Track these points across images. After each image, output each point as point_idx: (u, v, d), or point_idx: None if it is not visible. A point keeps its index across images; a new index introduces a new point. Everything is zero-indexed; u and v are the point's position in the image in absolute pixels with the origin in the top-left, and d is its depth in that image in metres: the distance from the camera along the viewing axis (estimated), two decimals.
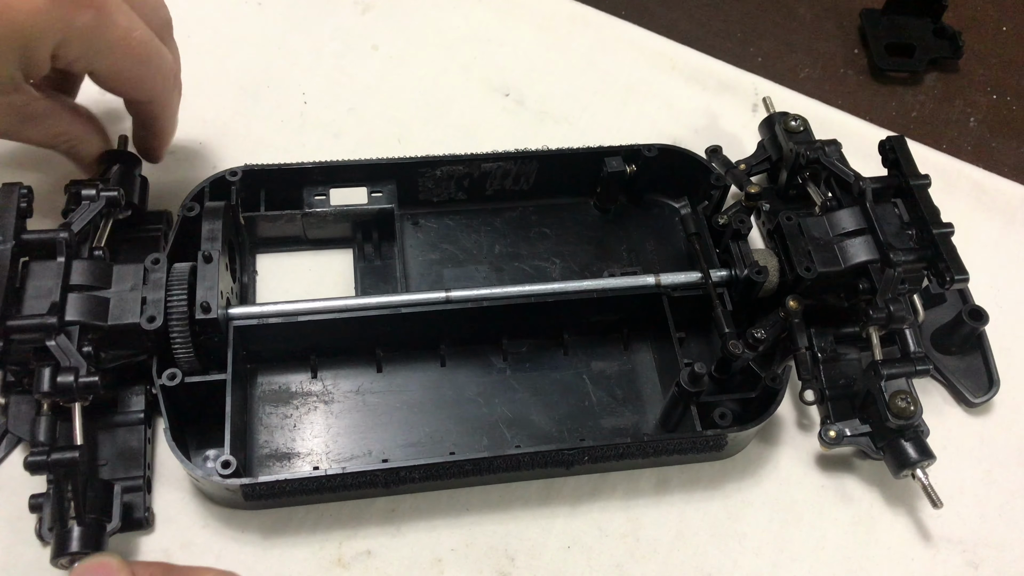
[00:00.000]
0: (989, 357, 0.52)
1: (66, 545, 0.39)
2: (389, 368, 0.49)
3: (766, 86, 0.63)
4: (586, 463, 0.45)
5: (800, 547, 0.46)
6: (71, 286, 0.41)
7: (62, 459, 0.38)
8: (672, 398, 0.45)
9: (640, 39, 0.65)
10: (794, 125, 0.53)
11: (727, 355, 0.46)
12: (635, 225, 0.55)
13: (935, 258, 0.46)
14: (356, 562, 0.44)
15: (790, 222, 0.48)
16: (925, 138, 0.63)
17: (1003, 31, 0.74)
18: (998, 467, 0.50)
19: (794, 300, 0.47)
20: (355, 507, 0.45)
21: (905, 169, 0.49)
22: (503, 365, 0.49)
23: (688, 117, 0.62)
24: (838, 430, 0.46)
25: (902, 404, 0.44)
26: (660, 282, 0.48)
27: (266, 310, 0.46)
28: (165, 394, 0.42)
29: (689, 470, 0.48)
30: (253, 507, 0.45)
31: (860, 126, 0.62)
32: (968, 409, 0.52)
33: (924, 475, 0.45)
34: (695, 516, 0.47)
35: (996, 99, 0.69)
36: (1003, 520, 0.48)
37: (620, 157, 0.52)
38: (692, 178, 0.54)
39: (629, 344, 0.51)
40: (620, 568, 0.45)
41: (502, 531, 0.45)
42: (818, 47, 0.71)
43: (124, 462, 0.44)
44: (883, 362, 0.46)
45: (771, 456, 0.49)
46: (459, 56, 0.63)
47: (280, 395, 0.48)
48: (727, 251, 0.49)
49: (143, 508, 0.43)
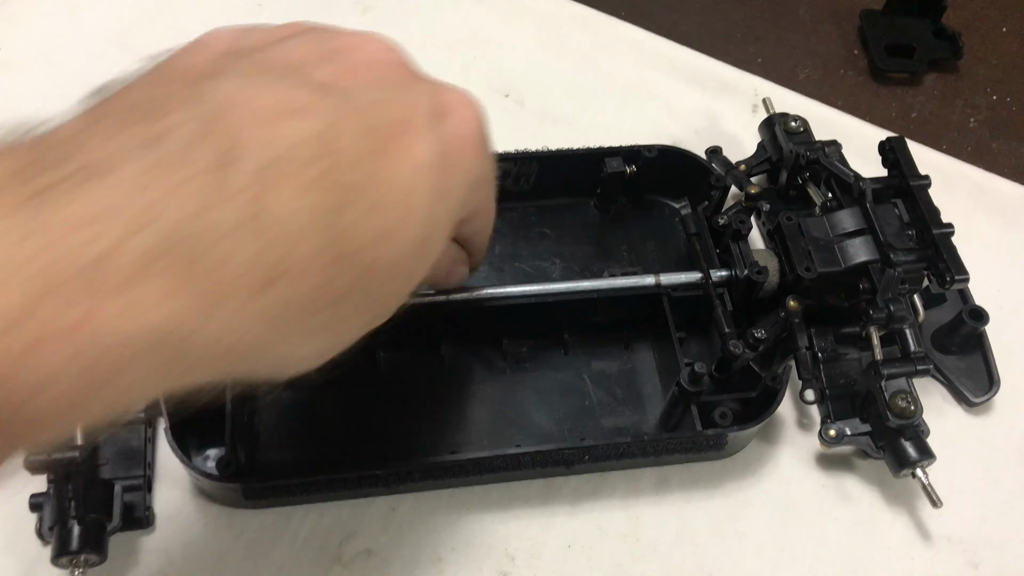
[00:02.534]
0: (989, 357, 0.52)
1: (67, 544, 0.39)
2: (389, 368, 0.49)
3: (766, 87, 0.63)
4: (586, 463, 0.45)
5: (800, 546, 0.46)
6: None
7: (62, 458, 0.38)
8: (672, 398, 0.45)
9: (640, 40, 0.65)
10: (794, 126, 0.53)
11: (727, 355, 0.46)
12: (635, 225, 0.55)
13: (935, 258, 0.46)
14: (356, 562, 0.44)
15: (790, 222, 0.48)
16: (925, 138, 0.63)
17: (1003, 31, 0.74)
18: (998, 467, 0.50)
19: (794, 300, 0.47)
20: (355, 507, 0.45)
21: (905, 169, 0.49)
22: (503, 365, 0.49)
23: (688, 118, 0.62)
24: (838, 429, 0.46)
25: (902, 404, 0.44)
26: (660, 282, 0.48)
27: None
28: None
29: (689, 470, 0.48)
30: (253, 506, 0.45)
31: (860, 127, 0.62)
32: (968, 409, 0.52)
33: (924, 475, 0.45)
34: (695, 515, 0.47)
35: (996, 99, 0.70)
36: (1003, 520, 0.48)
37: (620, 158, 0.52)
38: (692, 179, 0.54)
39: (629, 344, 0.51)
40: (620, 567, 0.45)
41: (502, 531, 0.45)
42: (818, 47, 0.71)
43: (124, 462, 0.44)
44: (883, 362, 0.46)
45: (771, 456, 0.49)
46: (459, 57, 0.63)
47: (280, 395, 0.48)
48: (727, 251, 0.49)
49: (143, 507, 0.43)
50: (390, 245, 0.26)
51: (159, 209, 0.21)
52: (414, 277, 0.29)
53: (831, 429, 0.46)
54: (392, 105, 0.27)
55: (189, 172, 0.22)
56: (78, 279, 0.20)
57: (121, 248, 0.21)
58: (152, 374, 0.23)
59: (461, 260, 0.40)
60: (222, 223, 0.22)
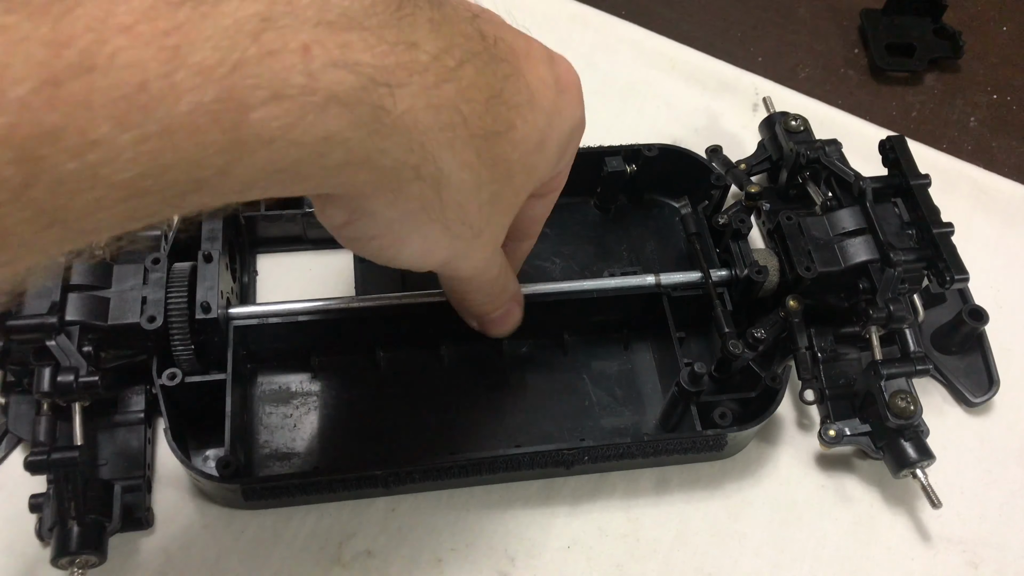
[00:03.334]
0: (989, 357, 0.52)
1: (67, 545, 0.39)
2: (389, 368, 0.49)
3: (766, 86, 0.63)
4: (586, 463, 0.45)
5: (800, 547, 0.46)
6: (71, 286, 0.41)
7: (62, 459, 0.38)
8: (672, 398, 0.45)
9: (640, 39, 0.65)
10: (794, 125, 0.53)
11: (727, 355, 0.46)
12: (635, 225, 0.55)
13: (935, 258, 0.46)
14: (356, 562, 0.44)
15: (790, 222, 0.48)
16: (925, 138, 0.63)
17: (1003, 31, 0.74)
18: (998, 467, 0.50)
19: (794, 300, 0.47)
20: (355, 507, 0.45)
21: (905, 169, 0.49)
22: (503, 365, 0.49)
23: (688, 117, 0.62)
24: (838, 429, 0.46)
25: (902, 404, 0.44)
26: (660, 282, 0.48)
27: (266, 310, 0.46)
28: (165, 394, 0.42)
29: (689, 470, 0.48)
30: (253, 507, 0.45)
31: (860, 126, 0.62)
32: (968, 409, 0.52)
33: (924, 475, 0.45)
34: (695, 516, 0.47)
35: (996, 99, 0.69)
36: (1003, 520, 0.48)
37: (620, 157, 0.52)
38: (692, 178, 0.54)
39: (629, 344, 0.51)
40: (620, 568, 0.45)
41: (502, 531, 0.45)
42: (818, 47, 0.71)
43: (124, 462, 0.44)
44: (883, 362, 0.46)
45: (771, 456, 0.49)
46: None
47: (280, 395, 0.48)
48: (727, 251, 0.49)
49: (143, 508, 0.43)
50: (519, 124, 0.32)
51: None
52: (533, 176, 0.35)
53: (831, 429, 0.46)
54: (517, 38, 0.34)
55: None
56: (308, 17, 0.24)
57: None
58: (339, 117, 0.25)
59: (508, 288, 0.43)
60: (411, 16, 0.27)
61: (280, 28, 0.23)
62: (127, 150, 0.22)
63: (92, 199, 0.22)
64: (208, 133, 0.23)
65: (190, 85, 0.22)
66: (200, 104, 0.22)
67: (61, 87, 0.21)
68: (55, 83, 0.21)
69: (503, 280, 0.41)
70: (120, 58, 0.21)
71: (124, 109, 0.21)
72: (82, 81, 0.21)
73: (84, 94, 0.21)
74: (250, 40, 0.23)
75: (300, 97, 0.24)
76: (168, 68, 0.22)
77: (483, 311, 0.43)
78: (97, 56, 0.21)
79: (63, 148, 0.21)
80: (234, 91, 0.23)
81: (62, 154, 0.21)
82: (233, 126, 0.23)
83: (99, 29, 0.21)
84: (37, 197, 0.21)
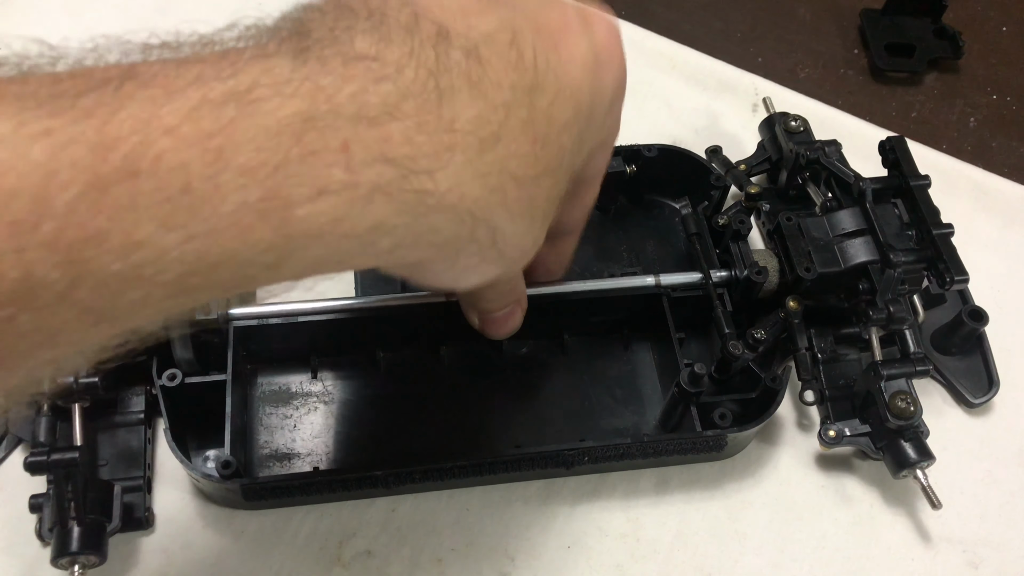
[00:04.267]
0: (989, 357, 0.52)
1: (67, 545, 0.39)
2: (389, 368, 0.49)
3: (766, 86, 0.63)
4: (586, 463, 0.45)
5: (800, 547, 0.46)
6: None
7: (62, 459, 0.38)
8: (672, 398, 0.45)
9: (640, 39, 0.65)
10: (794, 125, 0.53)
11: (727, 355, 0.46)
12: (635, 225, 0.55)
13: (935, 258, 0.46)
14: (356, 562, 0.44)
15: (790, 222, 0.48)
16: (925, 138, 0.63)
17: (1003, 31, 0.74)
18: (998, 467, 0.50)
19: (794, 300, 0.47)
20: (355, 507, 0.45)
21: (905, 169, 0.49)
22: (503, 365, 0.49)
23: (688, 117, 0.62)
24: (838, 430, 0.46)
25: (902, 404, 0.44)
26: (660, 282, 0.48)
27: (266, 310, 0.46)
28: (165, 394, 0.42)
29: (689, 470, 0.48)
30: (253, 507, 0.45)
31: (860, 126, 0.62)
32: (968, 409, 0.52)
33: (924, 475, 0.45)
34: (695, 516, 0.47)
35: (996, 99, 0.69)
36: (1003, 520, 0.48)
37: (620, 157, 0.52)
38: (692, 178, 0.54)
39: (629, 344, 0.51)
40: (620, 568, 0.45)
41: (502, 531, 0.45)
42: (818, 47, 0.71)
43: (124, 462, 0.44)
44: (883, 362, 0.46)
45: (771, 456, 0.49)
46: None
47: (280, 395, 0.48)
48: (727, 251, 0.49)
49: (143, 508, 0.43)
50: (567, 134, 0.31)
51: (392, 70, 0.25)
52: (572, 174, 0.33)
53: (831, 430, 0.46)
54: (550, 12, 0.31)
55: (413, 45, 0.26)
56: (344, 115, 0.24)
57: (371, 92, 0.24)
58: (384, 206, 0.25)
59: None
60: (449, 86, 0.26)
61: (321, 128, 0.23)
62: (172, 250, 0.22)
63: (138, 297, 0.22)
64: (255, 231, 0.23)
65: (235, 186, 0.22)
66: (245, 203, 0.22)
67: (107, 192, 0.20)
68: (101, 188, 0.20)
69: (516, 279, 0.41)
70: (165, 161, 0.21)
71: (169, 211, 0.21)
72: (127, 185, 0.21)
73: (129, 197, 0.21)
74: (293, 141, 0.23)
75: (344, 192, 0.24)
76: (212, 170, 0.22)
77: (489, 308, 0.43)
78: (142, 159, 0.21)
79: (107, 250, 0.21)
80: (279, 190, 0.23)
81: (106, 255, 0.21)
82: (281, 223, 0.23)
83: (144, 131, 0.21)
84: (83, 297, 0.21)
